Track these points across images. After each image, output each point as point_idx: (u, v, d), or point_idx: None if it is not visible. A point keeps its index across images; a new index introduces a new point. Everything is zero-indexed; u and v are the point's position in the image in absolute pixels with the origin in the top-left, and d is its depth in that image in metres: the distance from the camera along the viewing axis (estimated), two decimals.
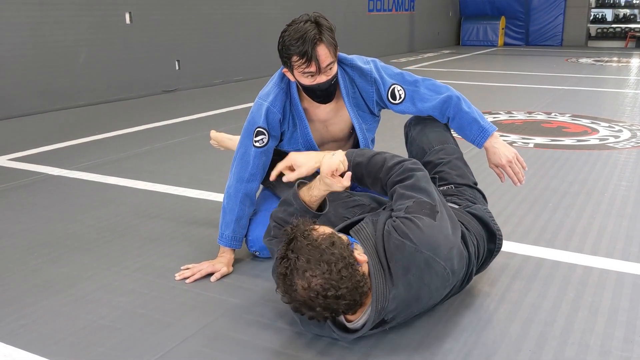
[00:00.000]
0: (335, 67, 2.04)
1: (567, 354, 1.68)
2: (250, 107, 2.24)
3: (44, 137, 4.59)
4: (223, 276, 2.15)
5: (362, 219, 1.83)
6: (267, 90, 2.17)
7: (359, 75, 2.17)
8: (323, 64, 1.96)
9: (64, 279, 2.16)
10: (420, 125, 2.24)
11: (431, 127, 2.22)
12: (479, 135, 2.17)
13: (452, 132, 2.29)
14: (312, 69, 1.96)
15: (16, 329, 1.83)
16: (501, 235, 1.98)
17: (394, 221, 1.63)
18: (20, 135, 4.75)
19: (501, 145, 2.20)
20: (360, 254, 1.60)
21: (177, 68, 7.14)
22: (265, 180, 2.25)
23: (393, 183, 1.78)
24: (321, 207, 1.86)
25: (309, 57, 1.92)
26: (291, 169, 1.93)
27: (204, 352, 1.71)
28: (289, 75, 2.07)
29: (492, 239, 1.94)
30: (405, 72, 2.23)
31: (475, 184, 2.15)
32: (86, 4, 6.01)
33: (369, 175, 1.86)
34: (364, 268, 1.59)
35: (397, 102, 2.19)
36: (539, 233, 2.59)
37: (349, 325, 1.66)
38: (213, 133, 2.83)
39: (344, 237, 1.62)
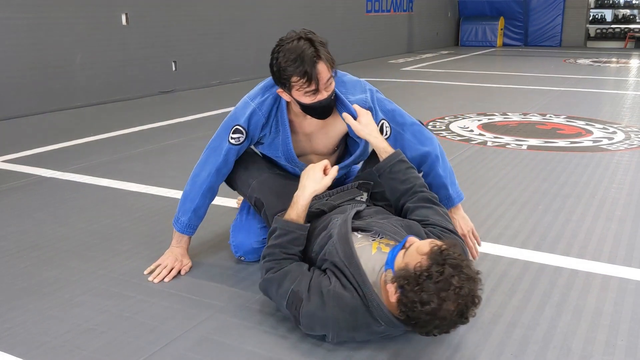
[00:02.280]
0: (333, 82, 2.00)
1: (549, 358, 1.69)
2: None
3: (38, 138, 4.60)
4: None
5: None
6: (257, 92, 2.17)
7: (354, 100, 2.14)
8: (323, 81, 1.93)
9: (51, 282, 2.17)
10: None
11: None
12: (443, 202, 2.14)
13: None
14: (313, 87, 1.92)
15: (1, 333, 1.84)
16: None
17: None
18: (15, 137, 4.76)
19: (461, 218, 2.25)
20: None
21: (173, 69, 7.15)
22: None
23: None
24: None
25: (309, 76, 1.89)
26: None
27: (187, 356, 1.71)
28: (284, 95, 2.03)
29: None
30: (397, 111, 2.19)
31: None
32: (82, 5, 6.02)
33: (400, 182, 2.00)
34: None
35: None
36: (526, 236, 2.60)
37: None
38: None
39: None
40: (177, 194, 3.17)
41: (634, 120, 5.22)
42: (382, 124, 2.14)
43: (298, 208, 1.91)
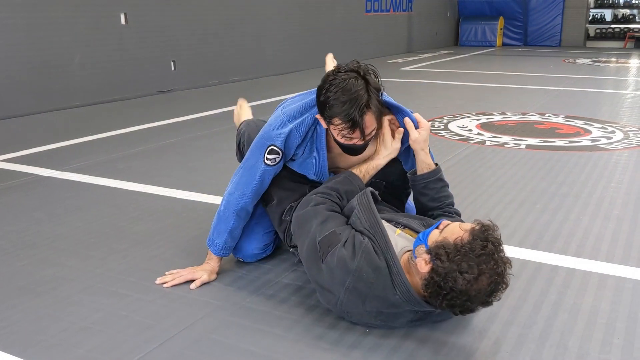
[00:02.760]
0: (375, 131, 1.92)
1: (545, 356, 1.69)
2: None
3: (37, 138, 4.59)
4: (203, 284, 2.12)
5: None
6: (295, 111, 2.04)
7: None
8: (367, 131, 1.86)
9: (48, 280, 2.17)
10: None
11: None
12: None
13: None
14: (356, 135, 1.85)
15: None
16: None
17: None
18: (14, 136, 4.76)
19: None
20: None
21: (172, 69, 7.14)
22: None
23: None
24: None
25: (354, 124, 1.81)
26: None
27: (184, 354, 1.71)
28: (322, 122, 1.94)
29: None
30: None
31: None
32: (81, 5, 6.02)
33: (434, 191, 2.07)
34: None
35: None
36: (524, 235, 2.60)
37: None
38: (242, 102, 2.82)
39: None
40: (176, 193, 3.19)
41: (633, 120, 5.22)
42: None
43: (368, 168, 2.01)
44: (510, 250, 2.39)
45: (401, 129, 2.04)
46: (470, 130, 4.84)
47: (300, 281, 2.16)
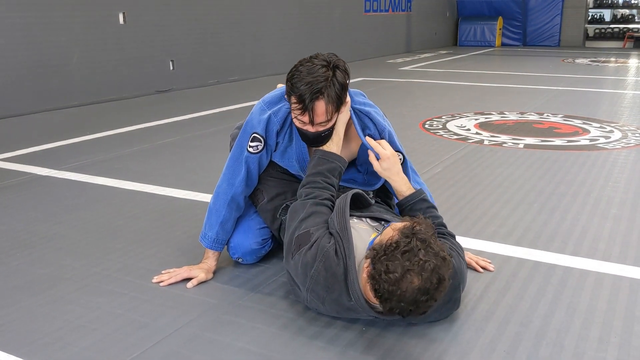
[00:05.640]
0: (330, 124, 1.94)
1: (541, 354, 1.69)
2: (245, 107, 2.22)
3: (34, 137, 4.59)
4: (200, 282, 2.12)
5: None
6: (274, 98, 2.08)
7: (373, 125, 2.07)
8: (316, 119, 1.88)
9: (44, 280, 2.17)
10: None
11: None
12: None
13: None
14: (305, 119, 1.89)
15: None
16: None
17: None
18: (11, 136, 4.75)
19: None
20: None
21: (171, 68, 7.14)
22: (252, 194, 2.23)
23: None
24: None
25: (304, 107, 1.85)
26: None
27: (180, 353, 1.71)
28: (288, 100, 1.97)
29: None
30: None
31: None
32: (80, 4, 6.01)
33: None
34: None
35: None
36: (521, 234, 2.59)
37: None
38: None
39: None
40: (172, 192, 3.18)
41: (631, 119, 5.22)
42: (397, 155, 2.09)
43: (339, 143, 2.00)
44: (507, 249, 2.40)
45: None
46: (468, 129, 4.83)
47: None
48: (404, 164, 2.08)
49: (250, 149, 2.08)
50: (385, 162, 2.00)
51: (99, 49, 6.26)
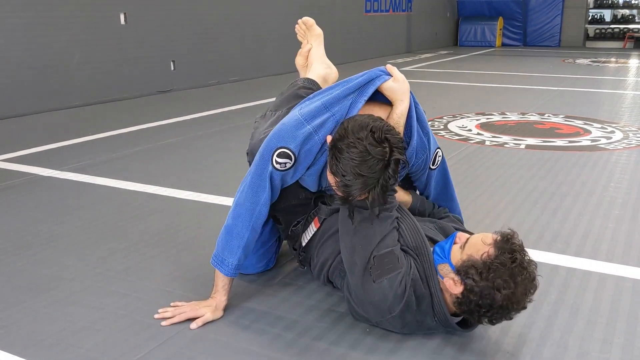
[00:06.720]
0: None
1: (545, 355, 1.69)
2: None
3: (36, 137, 4.59)
4: (205, 323, 1.85)
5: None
6: (314, 110, 1.81)
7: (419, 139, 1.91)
8: (351, 200, 1.70)
9: (47, 280, 2.17)
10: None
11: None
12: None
13: None
14: (344, 195, 1.70)
15: None
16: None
17: None
18: (13, 136, 4.75)
19: None
20: None
21: (172, 68, 7.14)
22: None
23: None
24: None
25: (348, 194, 1.67)
26: None
27: (184, 354, 1.71)
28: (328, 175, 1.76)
29: None
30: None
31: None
32: (81, 5, 6.01)
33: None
34: None
35: (433, 167, 2.02)
36: (524, 235, 2.57)
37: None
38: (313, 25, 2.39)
39: None
40: (174, 192, 3.18)
41: (632, 120, 5.22)
42: (437, 153, 2.00)
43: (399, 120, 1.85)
44: None
45: None
46: (469, 130, 4.83)
47: (301, 281, 2.16)
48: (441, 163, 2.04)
49: (277, 165, 1.80)
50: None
51: (100, 49, 6.26)
